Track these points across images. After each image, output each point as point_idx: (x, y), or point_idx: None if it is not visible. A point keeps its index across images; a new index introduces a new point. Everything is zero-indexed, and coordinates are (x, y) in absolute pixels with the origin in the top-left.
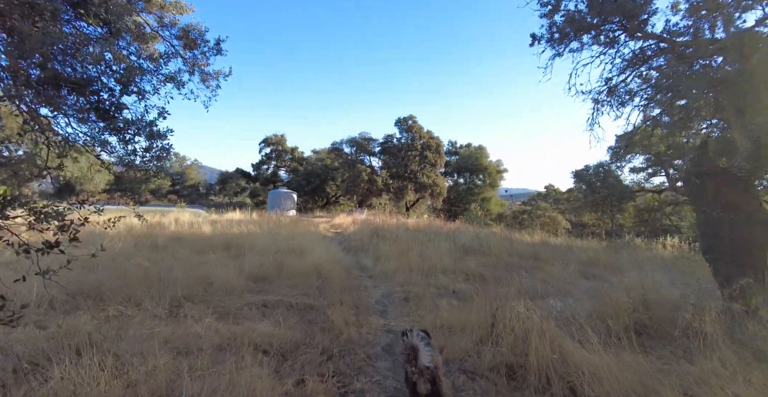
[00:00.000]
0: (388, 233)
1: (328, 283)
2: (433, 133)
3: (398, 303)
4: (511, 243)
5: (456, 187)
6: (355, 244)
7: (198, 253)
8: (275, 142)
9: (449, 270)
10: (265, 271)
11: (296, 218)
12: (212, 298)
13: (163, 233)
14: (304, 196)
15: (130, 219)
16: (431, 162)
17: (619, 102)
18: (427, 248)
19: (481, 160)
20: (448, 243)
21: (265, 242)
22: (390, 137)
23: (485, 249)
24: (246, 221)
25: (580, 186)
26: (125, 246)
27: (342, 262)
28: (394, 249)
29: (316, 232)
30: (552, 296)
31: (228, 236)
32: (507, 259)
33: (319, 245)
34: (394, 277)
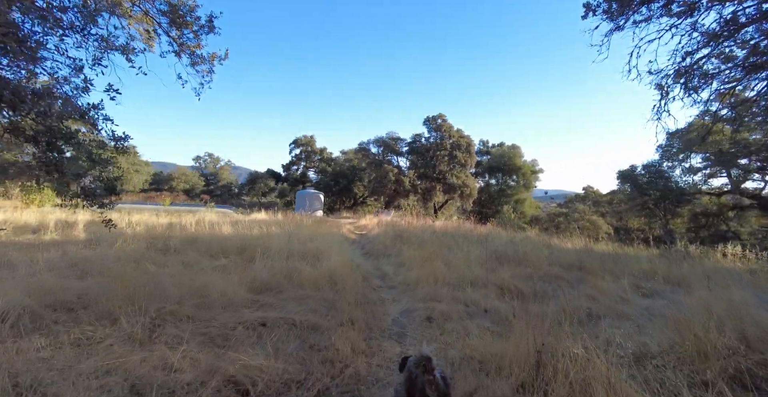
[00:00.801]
0: (413, 236)
1: (342, 295)
2: (463, 132)
3: (419, 324)
4: (550, 250)
5: (487, 189)
6: (378, 248)
7: (209, 256)
8: (305, 143)
9: (480, 282)
10: (274, 279)
11: (321, 219)
12: (203, 314)
13: (182, 234)
14: (332, 197)
15: (156, 218)
16: (461, 162)
17: (691, 87)
18: (454, 255)
19: (514, 160)
20: (478, 249)
21: (281, 245)
22: (418, 137)
23: (521, 257)
24: (269, 222)
25: (625, 187)
26: (137, 247)
27: (361, 269)
28: (418, 255)
29: (338, 234)
30: (605, 318)
31: (245, 238)
32: (546, 269)
33: (339, 249)
34: (417, 289)
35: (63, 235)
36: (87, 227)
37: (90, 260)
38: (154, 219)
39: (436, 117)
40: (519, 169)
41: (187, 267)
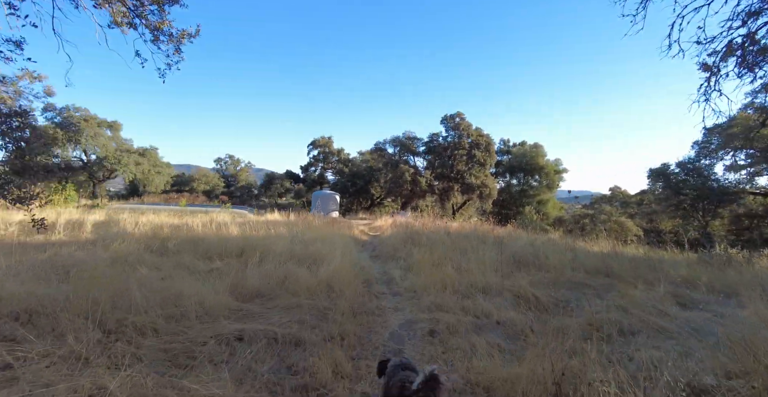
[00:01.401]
0: (426, 238)
1: (338, 303)
2: (482, 131)
3: (420, 338)
4: (574, 253)
5: (508, 189)
6: (387, 250)
7: (206, 259)
8: (322, 144)
9: (494, 289)
10: (265, 285)
11: (335, 220)
12: (172, 326)
13: (186, 235)
14: (349, 198)
15: (167, 218)
16: (480, 161)
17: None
18: (468, 259)
19: (537, 160)
20: (494, 252)
21: (283, 247)
22: (435, 136)
23: (541, 261)
24: (279, 223)
25: (656, 187)
26: (134, 249)
27: (365, 273)
28: (428, 259)
29: (348, 235)
30: (639, 334)
31: (248, 239)
32: (570, 275)
33: (344, 252)
34: (423, 296)
35: (71, 235)
36: (95, 228)
37: (79, 262)
38: (165, 220)
39: (453, 115)
40: (542, 168)
41: (180, 270)
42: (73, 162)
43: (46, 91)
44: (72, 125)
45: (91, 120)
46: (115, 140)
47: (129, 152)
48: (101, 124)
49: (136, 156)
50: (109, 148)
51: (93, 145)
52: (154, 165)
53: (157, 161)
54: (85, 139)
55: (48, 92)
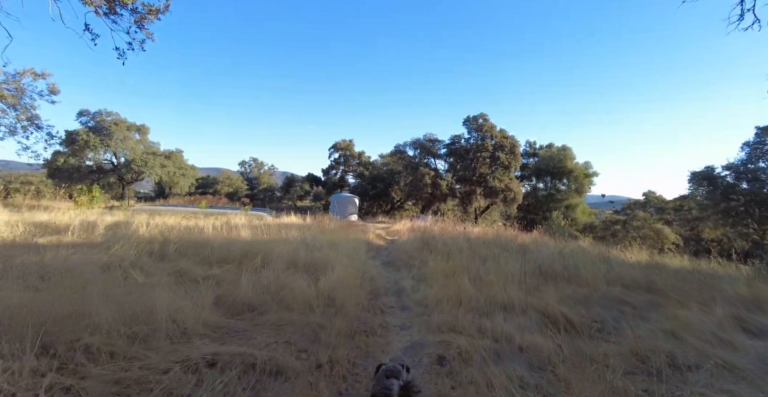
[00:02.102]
0: (443, 244)
1: (336, 319)
2: (507, 132)
3: (427, 367)
4: (608, 264)
5: (534, 193)
6: (400, 257)
7: (205, 264)
8: (343, 147)
9: (517, 306)
10: (258, 297)
11: (351, 223)
12: (135, 349)
13: (194, 237)
14: (369, 201)
15: (182, 220)
16: (504, 164)
17: None
18: (488, 269)
19: (565, 163)
20: (518, 262)
21: (287, 252)
22: (457, 138)
23: (571, 272)
24: (294, 226)
25: (698, 191)
26: (134, 252)
27: (372, 283)
28: (443, 267)
29: (362, 240)
30: (698, 369)
31: (255, 243)
32: (605, 289)
33: (353, 258)
34: (434, 313)
35: (84, 236)
36: (107, 229)
37: (71, 266)
38: (180, 221)
39: (477, 117)
40: (570, 172)
41: (173, 277)
42: (104, 165)
43: (51, 89)
44: (104, 129)
45: (121, 124)
46: (142, 143)
47: (155, 155)
48: (130, 128)
49: (162, 159)
50: (137, 151)
51: (122, 148)
52: (179, 167)
53: (183, 164)
54: (115, 143)
55: (52, 90)
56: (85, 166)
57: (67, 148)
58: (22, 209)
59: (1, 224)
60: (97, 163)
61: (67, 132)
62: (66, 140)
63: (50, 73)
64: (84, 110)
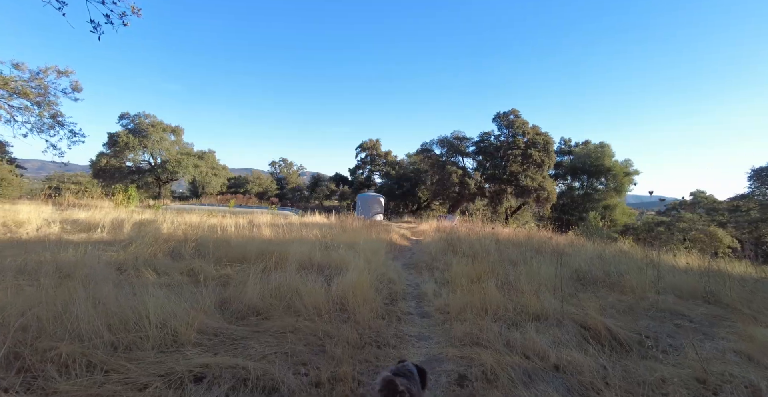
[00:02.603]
0: (469, 245)
1: (347, 326)
2: (540, 129)
3: (444, 389)
4: (656, 270)
5: (569, 192)
6: (423, 259)
7: (220, 263)
8: (370, 146)
9: (551, 316)
10: (263, 301)
11: (376, 223)
12: (115, 360)
13: (216, 236)
14: (395, 201)
15: (208, 219)
16: (537, 162)
17: None
18: (518, 273)
19: (603, 160)
20: (553, 266)
21: (304, 252)
22: (486, 135)
23: (614, 279)
24: (317, 225)
25: (761, 190)
26: (151, 251)
27: (391, 286)
28: (469, 271)
29: (384, 240)
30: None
31: (273, 242)
32: (654, 299)
33: (372, 259)
34: (456, 322)
35: (112, 234)
36: (134, 227)
37: (82, 264)
38: (205, 220)
39: (507, 113)
40: (608, 170)
41: (186, 277)
42: (142, 165)
43: (74, 87)
44: (142, 131)
45: (158, 126)
46: (177, 144)
47: (189, 155)
48: (165, 130)
49: (195, 159)
50: (172, 152)
51: (158, 149)
52: (211, 167)
53: (215, 164)
54: (152, 144)
55: (75, 87)
56: (126, 166)
57: (109, 149)
58: (67, 207)
59: (41, 220)
60: (136, 164)
61: (109, 134)
62: (108, 142)
63: (73, 70)
64: (124, 113)
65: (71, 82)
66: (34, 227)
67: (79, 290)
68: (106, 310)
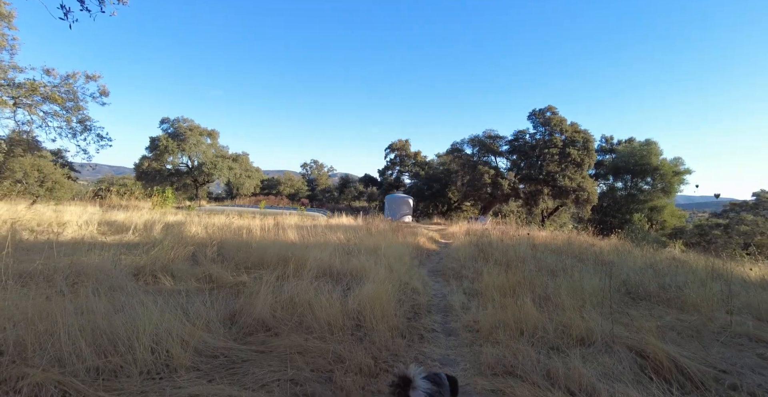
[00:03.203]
0: (502, 251)
1: (362, 348)
2: (579, 126)
3: None
4: (726, 285)
5: (611, 193)
6: (451, 266)
7: (238, 269)
8: (399, 147)
9: (599, 340)
10: (273, 314)
11: (403, 225)
12: (93, 390)
13: (240, 238)
14: (425, 202)
15: (238, 220)
16: (576, 161)
17: None
18: (558, 285)
19: (649, 159)
20: (598, 276)
21: (325, 258)
22: (521, 133)
23: (671, 294)
24: (343, 227)
25: None
26: (172, 255)
27: (413, 297)
28: (501, 281)
29: (411, 243)
30: None
31: (296, 246)
32: (725, 320)
33: (395, 267)
34: (487, 343)
35: (142, 236)
36: (164, 229)
37: (96, 270)
38: (234, 221)
39: (543, 110)
40: (655, 169)
41: (202, 283)
42: (181, 167)
43: (102, 92)
44: (180, 135)
45: (195, 129)
46: (213, 147)
47: (224, 158)
48: (202, 133)
49: (230, 161)
50: (208, 154)
51: (195, 152)
52: (245, 170)
53: (248, 166)
54: (189, 147)
55: (103, 92)
56: (165, 169)
57: (150, 153)
58: (110, 208)
59: (81, 222)
60: (175, 166)
61: (150, 138)
62: (150, 146)
63: (100, 74)
64: (165, 118)
65: (99, 86)
66: (73, 228)
67: (67, 302)
68: (97, 327)
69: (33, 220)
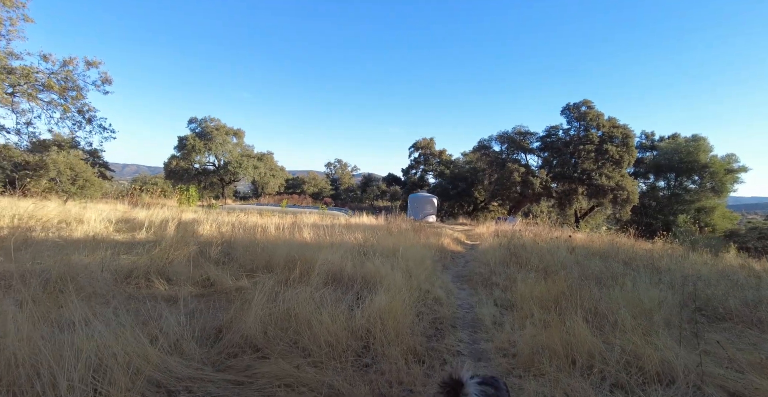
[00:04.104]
0: (537, 255)
1: (365, 381)
2: (617, 121)
3: None
4: None
5: (652, 193)
6: (480, 270)
7: (241, 271)
8: (424, 145)
9: (681, 377)
10: (267, 329)
11: (426, 225)
12: None
13: (252, 237)
14: (450, 201)
15: (253, 218)
16: (614, 158)
17: None
18: (611, 298)
19: (696, 156)
20: (657, 287)
21: (335, 261)
22: (554, 129)
23: (763, 312)
24: (363, 227)
25: None
26: (174, 255)
27: (435, 309)
28: (540, 291)
29: (434, 245)
30: None
31: (309, 246)
32: None
33: (414, 271)
34: (528, 375)
35: (156, 234)
36: (178, 227)
37: (85, 271)
38: (251, 219)
39: (578, 104)
40: (704, 167)
41: (198, 288)
42: (208, 166)
43: (103, 79)
44: (207, 134)
45: (221, 129)
46: (239, 146)
47: (249, 157)
48: (228, 133)
49: (255, 160)
50: (234, 154)
51: (222, 151)
52: (270, 169)
53: (273, 165)
54: (215, 146)
55: (105, 79)
56: (193, 168)
57: (179, 152)
58: (136, 206)
59: (101, 219)
60: (202, 165)
61: (179, 138)
62: (178, 145)
63: (101, 60)
64: (193, 118)
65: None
66: (91, 226)
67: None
68: (34, 351)
69: (56, 217)
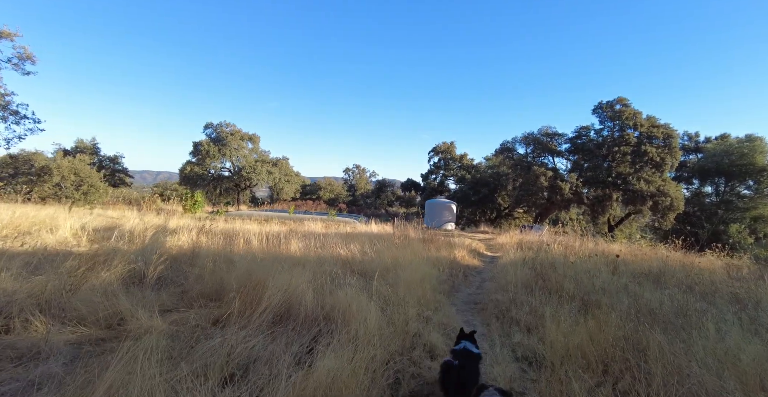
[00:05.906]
0: (573, 278)
1: None
2: (657, 120)
3: None
4: None
5: (697, 199)
6: (496, 297)
7: (173, 301)
8: (443, 150)
9: None
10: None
11: (441, 234)
12: None
13: (227, 250)
14: (471, 208)
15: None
16: (654, 161)
17: None
18: (692, 352)
19: (752, 158)
20: (756, 335)
21: (297, 287)
22: (585, 130)
23: None
24: (367, 236)
25: None
26: (118, 274)
27: (419, 370)
28: (582, 338)
29: (444, 259)
30: None
31: (278, 262)
32: None
33: (404, 300)
34: None
35: (129, 244)
36: (154, 236)
37: None
38: (246, 227)
39: (612, 102)
40: (762, 171)
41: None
42: (223, 172)
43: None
44: (222, 140)
45: (236, 134)
46: (255, 151)
47: (263, 162)
48: (243, 138)
49: (270, 166)
50: (249, 159)
51: (236, 157)
52: (285, 174)
53: (288, 171)
54: (230, 152)
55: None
56: (208, 173)
57: (194, 157)
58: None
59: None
60: (217, 171)
61: (194, 143)
62: (193, 150)
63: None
64: (209, 123)
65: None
66: (56, 236)
67: None
68: None
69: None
